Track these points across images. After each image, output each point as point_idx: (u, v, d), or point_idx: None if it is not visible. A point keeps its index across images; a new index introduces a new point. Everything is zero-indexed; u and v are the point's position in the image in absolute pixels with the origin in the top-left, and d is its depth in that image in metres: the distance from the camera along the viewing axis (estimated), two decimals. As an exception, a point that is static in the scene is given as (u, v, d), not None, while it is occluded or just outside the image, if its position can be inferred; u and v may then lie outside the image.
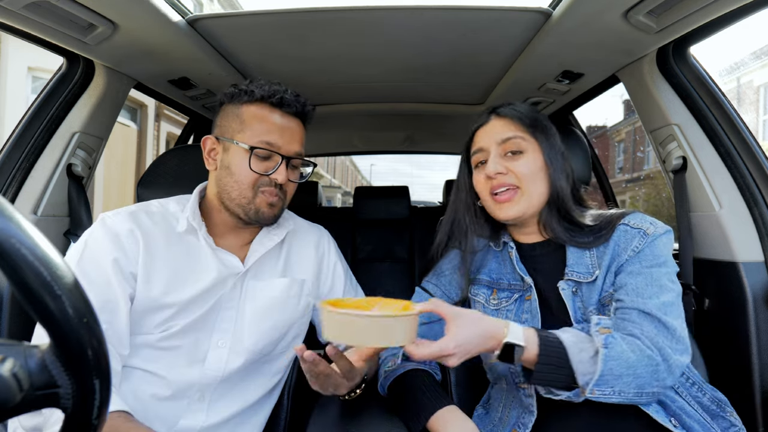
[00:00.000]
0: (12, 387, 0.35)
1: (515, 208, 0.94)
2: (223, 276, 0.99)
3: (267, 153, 0.96)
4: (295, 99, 1.00)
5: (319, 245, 1.15)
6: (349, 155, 6.95)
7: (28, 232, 0.35)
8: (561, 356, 0.77)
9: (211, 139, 1.01)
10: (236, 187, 0.97)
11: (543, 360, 0.77)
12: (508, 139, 0.95)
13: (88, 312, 0.38)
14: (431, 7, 1.14)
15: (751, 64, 12.78)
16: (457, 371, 1.15)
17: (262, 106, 0.98)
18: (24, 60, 6.22)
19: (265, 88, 0.98)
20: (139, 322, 0.93)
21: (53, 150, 1.30)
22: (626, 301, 0.83)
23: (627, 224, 0.91)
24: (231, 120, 0.99)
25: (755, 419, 1.07)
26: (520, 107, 1.00)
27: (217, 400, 0.98)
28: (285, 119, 0.99)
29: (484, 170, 0.96)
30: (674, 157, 1.27)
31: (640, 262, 0.87)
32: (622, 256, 0.88)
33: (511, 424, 0.94)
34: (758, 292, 1.10)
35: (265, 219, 0.99)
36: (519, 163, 0.94)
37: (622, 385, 0.76)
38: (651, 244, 0.88)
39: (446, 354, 0.75)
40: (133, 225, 0.95)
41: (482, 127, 1.01)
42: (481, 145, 0.99)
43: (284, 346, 1.08)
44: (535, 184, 0.94)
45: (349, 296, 1.18)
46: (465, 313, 0.78)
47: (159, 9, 1.08)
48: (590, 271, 0.91)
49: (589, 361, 0.77)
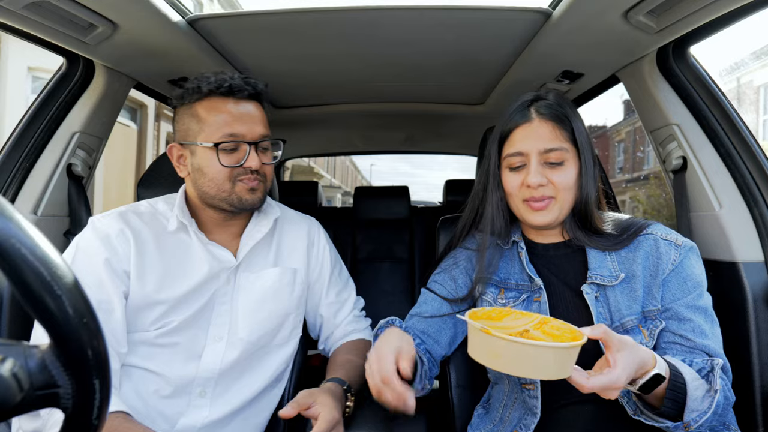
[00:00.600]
0: (12, 387, 0.35)
1: (548, 216, 0.92)
2: (216, 270, 0.99)
3: (232, 145, 0.95)
4: (244, 82, 0.98)
5: (309, 234, 1.15)
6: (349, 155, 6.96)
7: (28, 232, 0.35)
8: (682, 391, 0.74)
9: (176, 146, 1.00)
10: (213, 185, 0.97)
11: (670, 395, 0.74)
12: (552, 150, 0.90)
13: (88, 312, 0.38)
14: (431, 7, 1.14)
15: (751, 64, 12.78)
16: (457, 371, 1.15)
17: (213, 99, 0.97)
18: (24, 60, 6.22)
19: (211, 80, 0.96)
20: (135, 320, 0.94)
21: (53, 150, 1.30)
22: (698, 344, 0.84)
23: (656, 235, 0.91)
24: (188, 122, 0.98)
25: (755, 419, 1.07)
26: (558, 103, 0.95)
27: (218, 397, 0.98)
28: (240, 105, 0.98)
29: (522, 176, 0.93)
30: (674, 157, 1.27)
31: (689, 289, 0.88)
32: (662, 267, 0.89)
33: (513, 424, 0.94)
34: (758, 292, 1.10)
35: (250, 204, 0.99)
36: (559, 175, 0.91)
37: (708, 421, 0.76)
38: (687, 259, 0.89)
39: (616, 387, 0.67)
40: (122, 225, 0.96)
41: (522, 126, 0.94)
42: (521, 150, 0.92)
43: (282, 338, 1.08)
44: (569, 194, 0.92)
45: (335, 286, 1.17)
46: (627, 342, 0.70)
47: (159, 9, 1.08)
48: (613, 274, 0.90)
49: (700, 399, 0.75)
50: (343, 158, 27.26)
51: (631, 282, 0.90)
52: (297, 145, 2.77)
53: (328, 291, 1.16)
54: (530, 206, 0.93)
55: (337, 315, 1.16)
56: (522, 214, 0.96)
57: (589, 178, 0.93)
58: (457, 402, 1.13)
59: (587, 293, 0.90)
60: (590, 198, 0.93)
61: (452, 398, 1.13)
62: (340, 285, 1.18)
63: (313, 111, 2.05)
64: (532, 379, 0.91)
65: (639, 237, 0.92)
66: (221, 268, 1.00)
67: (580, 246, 0.95)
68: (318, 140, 2.75)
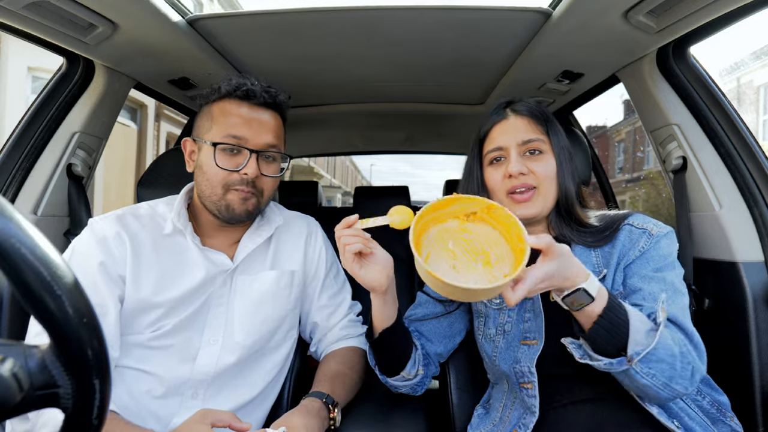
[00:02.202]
0: (12, 387, 0.35)
1: (533, 208, 0.94)
2: (212, 274, 0.99)
3: (233, 147, 0.95)
4: (264, 90, 0.99)
5: (305, 234, 1.15)
6: (349, 155, 6.95)
7: (28, 232, 0.35)
8: (622, 321, 0.76)
9: (190, 141, 1.02)
10: (208, 185, 0.97)
11: (605, 317, 0.75)
12: (529, 140, 0.96)
13: (88, 312, 0.38)
14: (431, 7, 1.14)
15: (751, 64, 12.78)
16: (457, 372, 1.15)
17: (228, 101, 0.98)
18: (24, 60, 6.22)
19: (232, 82, 0.98)
20: (130, 323, 0.94)
21: (53, 150, 1.30)
22: (647, 308, 0.83)
23: (631, 225, 0.92)
24: (203, 120, 1.00)
25: (755, 420, 1.07)
26: (534, 105, 1.01)
27: (211, 398, 0.98)
28: (253, 111, 0.98)
29: (503, 168, 0.96)
30: (674, 157, 1.27)
31: (649, 265, 0.87)
32: (629, 255, 0.89)
33: (512, 424, 0.94)
34: (758, 292, 1.10)
35: (238, 216, 0.98)
36: (539, 164, 0.95)
37: (659, 370, 0.75)
38: (656, 244, 0.88)
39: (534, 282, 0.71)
40: (119, 228, 0.96)
41: (499, 124, 1.00)
42: (500, 144, 0.97)
43: (278, 341, 1.07)
44: (551, 185, 0.95)
45: (329, 288, 1.15)
46: (564, 251, 0.75)
47: (159, 9, 1.08)
48: (597, 270, 0.92)
49: (645, 333, 0.76)
50: (343, 158, 27.25)
51: (608, 276, 0.91)
52: (297, 145, 2.77)
53: (322, 292, 1.14)
54: (514, 199, 0.95)
55: (330, 318, 1.14)
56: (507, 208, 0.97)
57: (566, 172, 0.96)
58: (457, 402, 1.13)
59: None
60: (570, 192, 0.96)
61: (452, 398, 1.13)
62: (335, 287, 1.16)
63: (313, 111, 2.05)
64: (529, 378, 0.91)
65: (619, 231, 0.93)
66: (218, 272, 1.00)
67: (566, 243, 0.96)
68: (318, 140, 2.75)
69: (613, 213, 0.99)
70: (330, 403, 0.94)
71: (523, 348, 0.93)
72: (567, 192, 0.96)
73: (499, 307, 0.99)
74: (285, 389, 1.13)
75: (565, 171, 0.96)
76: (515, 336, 0.95)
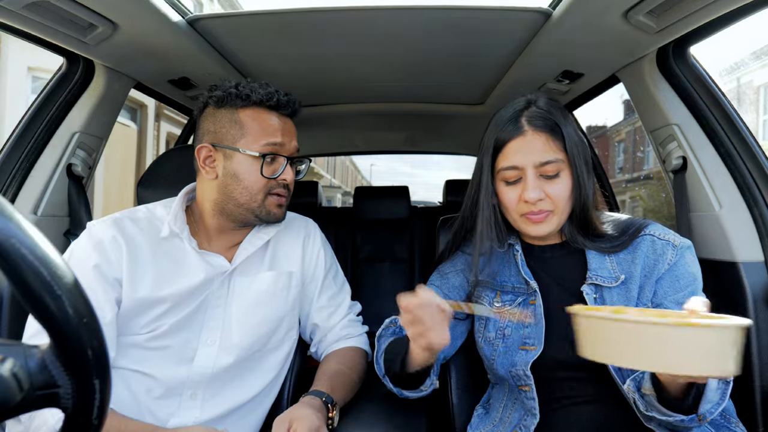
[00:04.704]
0: (12, 387, 0.35)
1: (547, 228, 0.91)
2: (210, 276, 0.99)
3: (273, 155, 0.98)
4: (289, 100, 1.01)
5: (303, 235, 1.15)
6: (349, 155, 6.96)
7: (28, 232, 0.35)
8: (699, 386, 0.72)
9: (207, 147, 0.98)
10: (245, 193, 0.98)
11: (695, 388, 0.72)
12: (547, 162, 0.89)
13: (88, 312, 0.38)
14: (431, 7, 1.14)
15: (751, 64, 12.78)
16: (457, 372, 1.15)
17: (259, 110, 0.98)
18: (24, 60, 6.22)
19: (260, 92, 0.97)
20: (127, 324, 0.94)
21: (53, 150, 1.30)
22: None
23: (653, 235, 0.91)
24: (228, 126, 0.97)
25: (755, 420, 1.07)
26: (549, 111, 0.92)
27: (209, 398, 0.98)
28: (282, 120, 1.01)
29: (518, 190, 0.91)
30: (674, 157, 1.27)
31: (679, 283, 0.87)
32: (659, 268, 0.89)
33: (512, 425, 0.94)
34: (758, 292, 1.10)
35: (276, 218, 1.02)
36: (555, 187, 0.89)
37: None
38: (682, 258, 0.89)
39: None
40: (116, 232, 0.96)
41: (515, 140, 0.91)
42: (516, 164, 0.90)
43: (276, 342, 1.07)
44: (567, 205, 0.91)
45: (329, 289, 1.14)
46: None
47: (159, 9, 1.08)
48: (613, 276, 0.90)
49: (714, 390, 0.73)
50: (343, 158, 27.25)
51: (628, 283, 0.89)
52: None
53: (321, 293, 1.13)
54: (529, 219, 0.91)
55: (330, 318, 1.14)
56: (520, 226, 0.94)
57: (585, 183, 0.91)
58: (457, 402, 1.13)
59: (587, 293, 0.89)
60: (588, 202, 0.92)
61: (452, 398, 1.13)
62: (334, 288, 1.16)
63: (314, 111, 2.05)
64: (526, 381, 0.90)
65: (637, 238, 0.91)
66: (215, 274, 1.00)
67: (578, 247, 0.95)
68: (318, 140, 2.75)
69: (626, 218, 0.96)
70: (329, 403, 0.94)
71: (521, 353, 0.92)
72: (585, 204, 0.92)
73: (500, 311, 0.99)
74: (285, 389, 1.13)
75: (583, 183, 0.91)
76: (515, 341, 0.94)
